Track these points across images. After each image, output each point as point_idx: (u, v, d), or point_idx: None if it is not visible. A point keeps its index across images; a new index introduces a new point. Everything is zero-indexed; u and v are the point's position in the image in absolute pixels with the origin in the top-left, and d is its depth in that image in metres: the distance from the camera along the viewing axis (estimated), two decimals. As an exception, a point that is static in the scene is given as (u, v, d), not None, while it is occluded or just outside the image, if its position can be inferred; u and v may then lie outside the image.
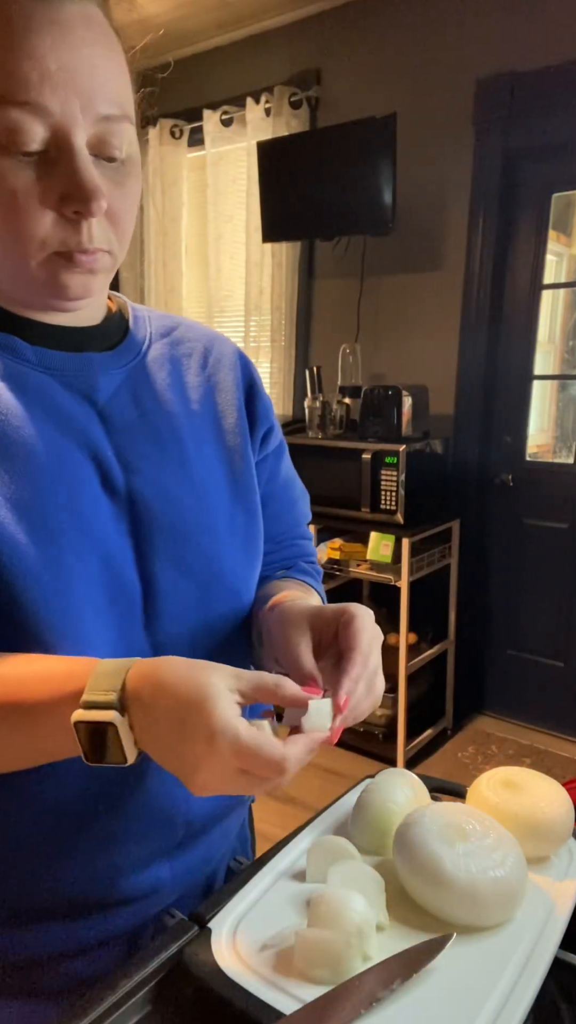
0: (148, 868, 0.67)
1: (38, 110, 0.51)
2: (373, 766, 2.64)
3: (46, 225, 0.54)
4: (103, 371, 0.65)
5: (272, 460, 0.80)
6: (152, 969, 0.55)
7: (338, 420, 2.84)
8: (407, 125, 2.64)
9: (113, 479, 0.63)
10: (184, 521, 0.67)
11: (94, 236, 0.56)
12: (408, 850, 0.58)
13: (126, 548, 0.63)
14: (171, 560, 0.65)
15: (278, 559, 0.82)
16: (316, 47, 2.94)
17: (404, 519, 2.51)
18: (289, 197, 2.88)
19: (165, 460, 0.67)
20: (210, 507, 0.69)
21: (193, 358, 0.74)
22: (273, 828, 2.52)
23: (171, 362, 0.72)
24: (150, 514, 0.65)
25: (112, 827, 0.64)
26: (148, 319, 0.73)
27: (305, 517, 0.88)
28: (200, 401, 0.72)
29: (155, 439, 0.67)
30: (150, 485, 0.65)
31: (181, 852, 0.69)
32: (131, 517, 0.64)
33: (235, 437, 0.73)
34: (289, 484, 0.84)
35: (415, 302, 2.86)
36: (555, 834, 0.63)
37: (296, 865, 0.63)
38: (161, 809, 0.66)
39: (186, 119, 3.32)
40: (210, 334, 0.77)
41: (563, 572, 2.75)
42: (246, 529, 0.73)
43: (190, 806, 0.68)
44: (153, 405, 0.68)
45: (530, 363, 2.74)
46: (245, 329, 3.23)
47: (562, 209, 2.67)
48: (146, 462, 0.65)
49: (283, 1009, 0.48)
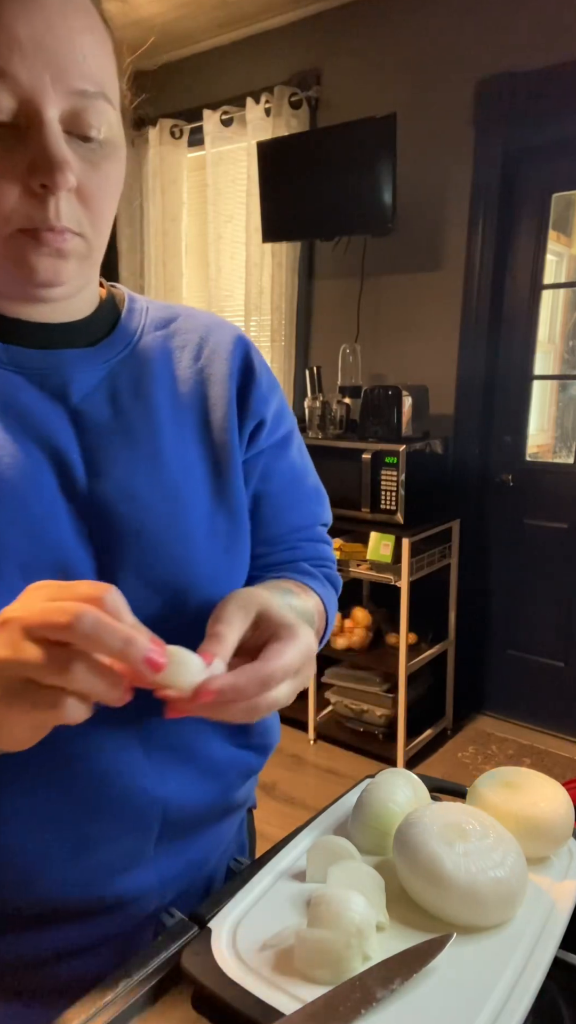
0: (130, 871, 0.65)
1: (5, 78, 0.49)
2: (373, 766, 2.64)
3: (11, 199, 0.52)
4: (80, 368, 0.63)
5: (269, 456, 0.74)
6: (152, 969, 0.55)
7: (338, 420, 2.84)
8: (407, 125, 2.64)
9: (75, 482, 0.60)
10: (153, 527, 0.62)
11: (62, 213, 0.53)
12: (408, 850, 0.58)
13: (85, 557, 0.60)
14: (137, 570, 0.61)
15: (275, 561, 0.76)
16: (316, 47, 2.94)
17: (404, 519, 2.51)
18: (289, 197, 2.88)
19: (137, 461, 0.63)
20: (185, 511, 0.65)
21: (187, 350, 0.70)
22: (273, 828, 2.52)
23: (162, 355, 0.68)
24: (114, 519, 0.61)
25: (83, 829, 0.61)
26: (145, 310, 0.70)
27: (317, 518, 0.81)
28: (189, 395, 0.68)
29: (129, 439, 0.63)
30: (116, 488, 0.61)
31: (165, 854, 0.67)
32: (93, 523, 0.60)
33: (222, 434, 0.69)
34: (294, 483, 0.78)
35: (415, 302, 2.86)
36: (555, 834, 0.63)
37: (296, 865, 0.63)
38: (131, 807, 0.63)
39: (186, 119, 3.32)
40: (211, 323, 0.73)
41: (563, 572, 2.75)
42: (228, 534, 0.68)
43: (166, 802, 0.65)
44: (133, 402, 0.65)
45: (530, 363, 2.74)
46: (245, 329, 3.22)
47: (562, 209, 2.67)
48: (115, 464, 0.62)
49: (283, 1009, 0.48)
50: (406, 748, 2.65)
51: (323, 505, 0.81)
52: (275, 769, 2.62)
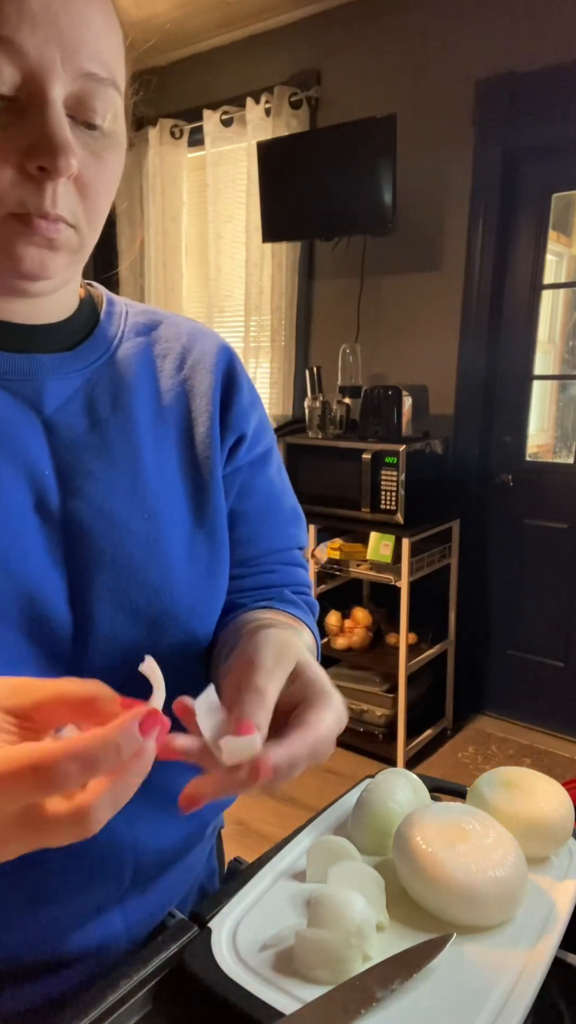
0: (96, 920, 0.60)
1: (11, 49, 0.45)
2: (373, 766, 2.64)
3: (5, 180, 0.47)
4: (55, 375, 0.58)
5: (247, 473, 0.69)
6: (152, 969, 0.55)
7: (338, 420, 2.84)
8: (407, 125, 2.64)
9: (48, 500, 0.55)
10: (131, 550, 0.58)
11: (58, 201, 0.49)
12: (408, 850, 0.58)
13: (56, 583, 0.55)
14: (112, 596, 0.57)
15: (251, 585, 0.70)
16: (316, 47, 2.94)
17: (404, 519, 2.51)
18: (289, 197, 2.88)
19: (114, 478, 0.58)
20: (165, 533, 0.60)
21: (169, 359, 0.65)
22: (273, 828, 2.53)
23: (142, 363, 0.64)
24: (89, 542, 0.56)
25: (40, 882, 0.57)
26: (124, 314, 0.66)
27: (294, 540, 0.75)
28: (170, 407, 0.64)
29: (106, 454, 0.59)
30: (92, 508, 0.57)
31: (135, 897, 0.62)
32: (66, 546, 0.56)
33: (205, 449, 0.64)
34: (272, 503, 0.72)
35: (415, 302, 2.86)
36: (555, 834, 0.63)
37: (296, 865, 0.63)
38: (98, 857, 0.59)
39: (186, 119, 3.32)
40: (194, 331, 0.69)
41: (563, 572, 2.75)
42: (209, 557, 0.64)
43: (137, 847, 0.61)
44: (111, 414, 0.60)
45: (530, 363, 2.74)
46: (245, 329, 3.23)
47: (562, 209, 2.67)
48: (91, 481, 0.57)
49: (283, 1009, 0.48)
50: (406, 748, 2.65)
51: (300, 528, 0.76)
52: (275, 769, 2.61)
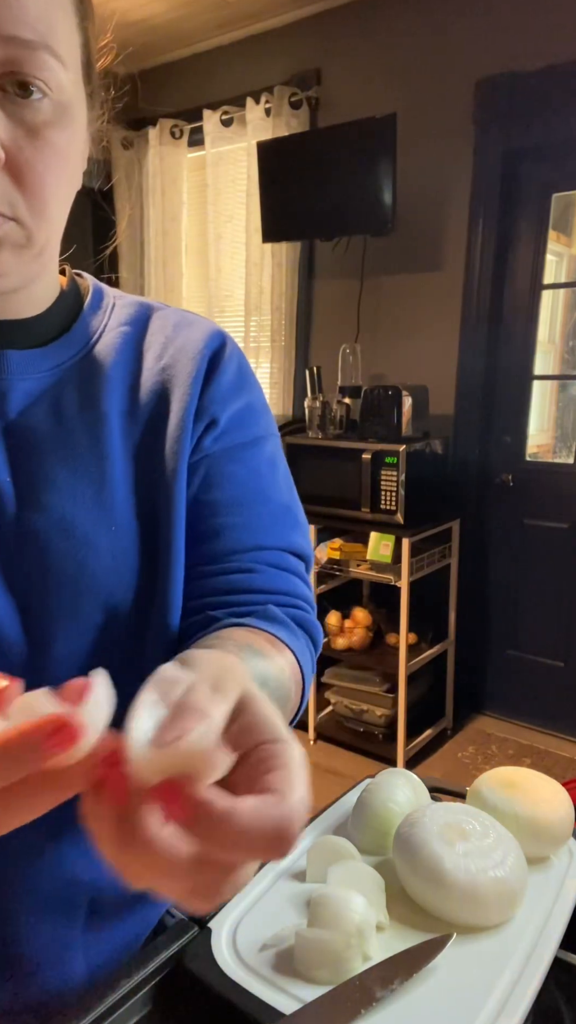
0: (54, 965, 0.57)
1: None
2: (373, 766, 2.64)
3: None
4: (22, 374, 0.54)
5: (218, 461, 0.60)
6: (152, 969, 0.55)
7: (338, 420, 2.84)
8: (407, 125, 2.64)
9: (1, 513, 0.51)
10: (93, 568, 0.52)
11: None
12: (408, 850, 0.58)
13: (6, 604, 0.51)
14: (72, 616, 0.52)
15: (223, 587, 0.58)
16: (316, 47, 2.94)
17: (404, 519, 2.51)
18: (289, 197, 2.88)
19: (78, 487, 0.53)
20: (130, 547, 0.55)
21: (151, 351, 0.60)
22: (273, 828, 2.50)
23: (122, 357, 0.59)
24: (47, 557, 0.51)
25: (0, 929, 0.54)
26: (112, 307, 0.61)
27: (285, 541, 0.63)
28: (146, 402, 0.58)
29: (71, 459, 0.54)
30: (52, 519, 0.52)
31: (96, 939, 0.59)
32: (18, 563, 0.51)
33: (175, 443, 0.58)
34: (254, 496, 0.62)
35: (415, 302, 2.86)
36: (555, 834, 0.63)
37: (296, 865, 0.63)
38: (58, 899, 0.56)
39: (186, 119, 3.32)
40: (183, 321, 0.63)
41: (563, 572, 2.75)
42: (162, 574, 0.57)
43: (98, 887, 0.58)
44: (79, 415, 0.55)
45: (530, 363, 2.74)
46: (245, 329, 3.23)
47: (562, 209, 2.67)
48: (53, 490, 0.52)
49: (283, 1009, 0.48)
50: (406, 748, 2.65)
51: (296, 530, 0.64)
52: (275, 769, 2.62)
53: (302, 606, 0.62)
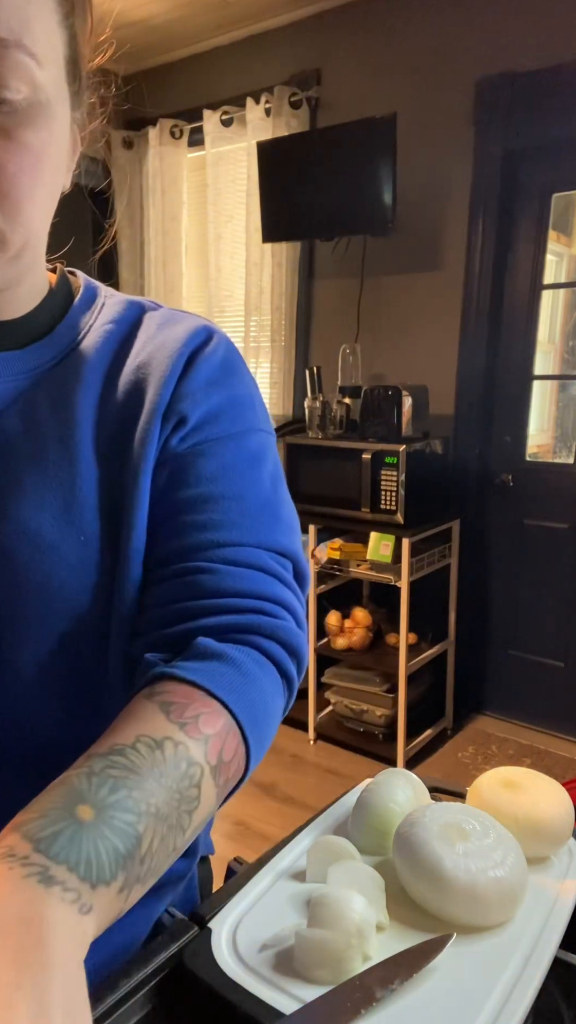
0: None
1: None
2: (373, 766, 2.64)
3: None
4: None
5: (185, 459, 0.56)
6: (152, 969, 0.55)
7: (338, 420, 2.84)
8: (407, 125, 2.64)
9: None
10: (58, 579, 0.51)
11: None
12: (408, 850, 0.58)
13: None
14: (36, 624, 0.50)
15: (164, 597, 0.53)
16: (316, 47, 2.94)
17: (404, 519, 2.51)
18: (289, 197, 2.88)
19: (47, 494, 0.51)
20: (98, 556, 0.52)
21: (135, 349, 0.58)
22: (273, 828, 2.52)
23: (103, 355, 0.57)
24: (13, 568, 0.49)
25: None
26: (101, 305, 0.60)
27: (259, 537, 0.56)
28: (120, 403, 0.56)
29: (39, 466, 0.52)
30: (17, 530, 0.50)
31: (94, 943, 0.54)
32: None
33: (141, 446, 0.55)
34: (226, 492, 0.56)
35: (415, 302, 2.86)
36: (555, 834, 0.63)
37: (296, 865, 0.63)
38: None
39: (186, 119, 3.32)
40: (169, 319, 0.60)
41: (563, 572, 2.75)
42: (125, 577, 0.54)
43: None
44: (52, 418, 0.53)
45: (530, 363, 2.74)
46: (245, 329, 3.23)
47: (562, 209, 2.67)
48: (20, 498, 0.50)
49: (283, 1009, 0.48)
50: (406, 748, 2.65)
51: (278, 529, 0.58)
52: (275, 769, 2.63)
53: (274, 611, 0.55)
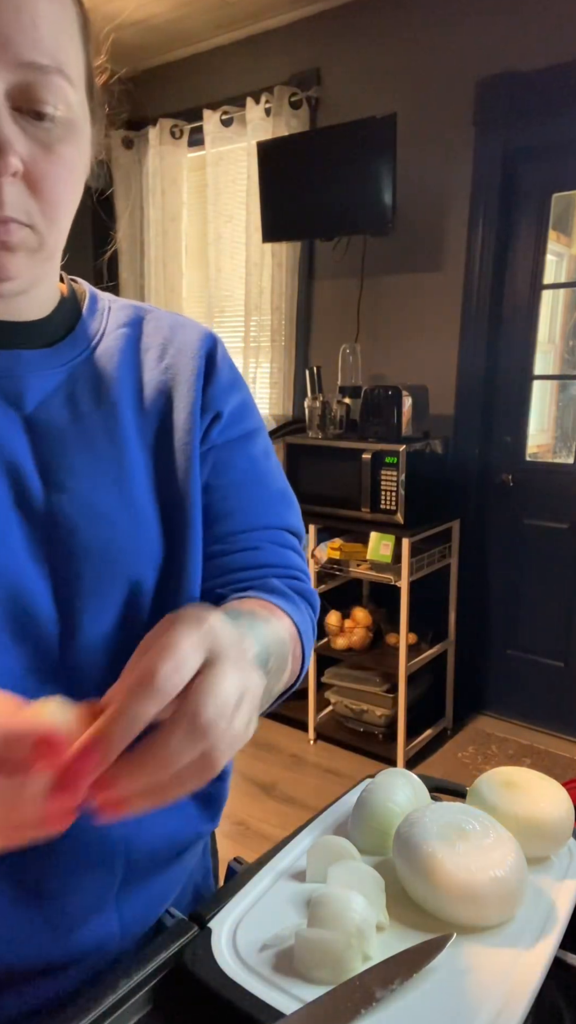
0: (91, 921, 0.60)
1: None
2: (373, 766, 2.64)
3: None
4: (36, 371, 0.58)
5: (223, 452, 0.67)
6: (152, 969, 0.55)
7: (338, 420, 2.84)
8: (407, 125, 2.64)
9: (31, 496, 0.55)
10: (113, 546, 0.57)
11: (7, 201, 0.48)
12: (408, 850, 0.58)
13: (39, 581, 0.55)
14: (97, 590, 0.57)
15: (236, 565, 0.66)
16: (316, 47, 2.94)
17: (404, 519, 2.51)
18: (289, 197, 2.88)
19: (98, 473, 0.58)
20: (143, 528, 0.60)
21: (151, 352, 0.65)
22: (273, 828, 2.52)
23: (126, 357, 0.64)
24: (74, 538, 0.56)
25: (42, 882, 0.57)
26: (107, 310, 0.66)
27: (283, 521, 0.71)
28: (152, 398, 0.63)
29: (90, 448, 0.58)
30: (77, 503, 0.56)
31: (129, 896, 0.62)
32: (50, 542, 0.55)
33: (184, 435, 0.63)
34: (255, 481, 0.70)
35: (415, 302, 2.86)
36: (555, 834, 0.63)
37: (296, 865, 0.63)
38: (91, 851, 0.59)
39: (186, 119, 3.32)
40: (176, 323, 0.68)
41: (563, 572, 2.75)
42: (183, 552, 0.62)
43: (128, 844, 0.61)
44: (93, 408, 0.60)
45: (530, 363, 2.74)
46: (245, 329, 3.23)
47: (562, 209, 2.67)
48: (75, 476, 0.57)
49: (283, 1009, 0.48)
50: (406, 748, 2.65)
51: (291, 511, 0.73)
52: (275, 769, 2.62)
53: (300, 577, 0.70)
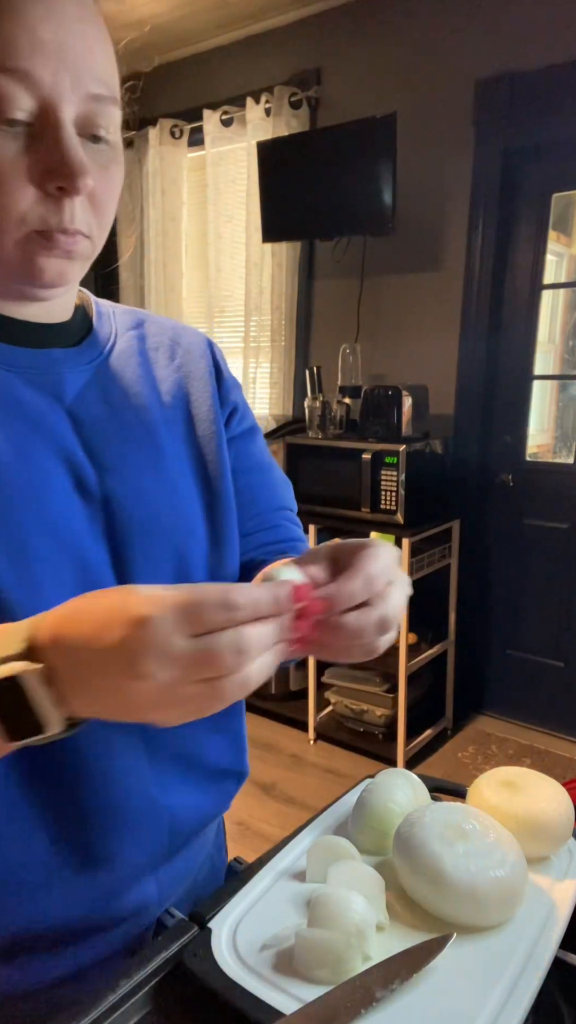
0: (136, 884, 0.64)
1: (27, 79, 0.49)
2: (373, 766, 2.64)
3: (27, 200, 0.52)
4: (69, 368, 0.62)
5: (240, 442, 0.76)
6: (152, 969, 0.55)
7: (338, 420, 2.84)
8: (407, 125, 2.64)
9: (86, 480, 0.60)
10: (160, 522, 0.64)
11: (76, 217, 0.54)
12: (408, 850, 0.58)
13: (102, 553, 0.60)
14: (148, 564, 0.62)
15: (267, 539, 0.78)
16: (316, 47, 2.94)
17: (404, 519, 2.51)
18: (289, 197, 2.88)
19: (139, 458, 0.64)
20: (184, 505, 0.67)
21: (161, 351, 0.71)
22: (273, 828, 2.52)
23: (139, 356, 0.69)
24: (126, 516, 0.62)
25: (94, 843, 0.61)
26: (112, 314, 0.71)
27: (290, 502, 0.83)
28: (171, 393, 0.70)
29: (128, 437, 0.64)
30: (125, 485, 0.62)
31: (166, 863, 0.67)
32: (106, 520, 0.61)
33: (210, 425, 0.71)
34: (265, 468, 0.80)
35: (415, 302, 2.86)
36: (555, 834, 0.63)
37: (296, 865, 0.63)
38: (142, 818, 0.63)
39: (186, 119, 3.32)
40: (177, 326, 0.75)
41: (563, 572, 2.75)
42: (221, 526, 0.70)
43: (174, 813, 0.65)
44: (123, 402, 0.65)
45: (530, 363, 2.74)
46: (245, 329, 3.23)
47: (562, 209, 2.67)
48: (120, 461, 0.63)
49: (283, 1009, 0.48)
50: (406, 748, 2.65)
51: (290, 492, 0.84)
52: (275, 769, 2.62)
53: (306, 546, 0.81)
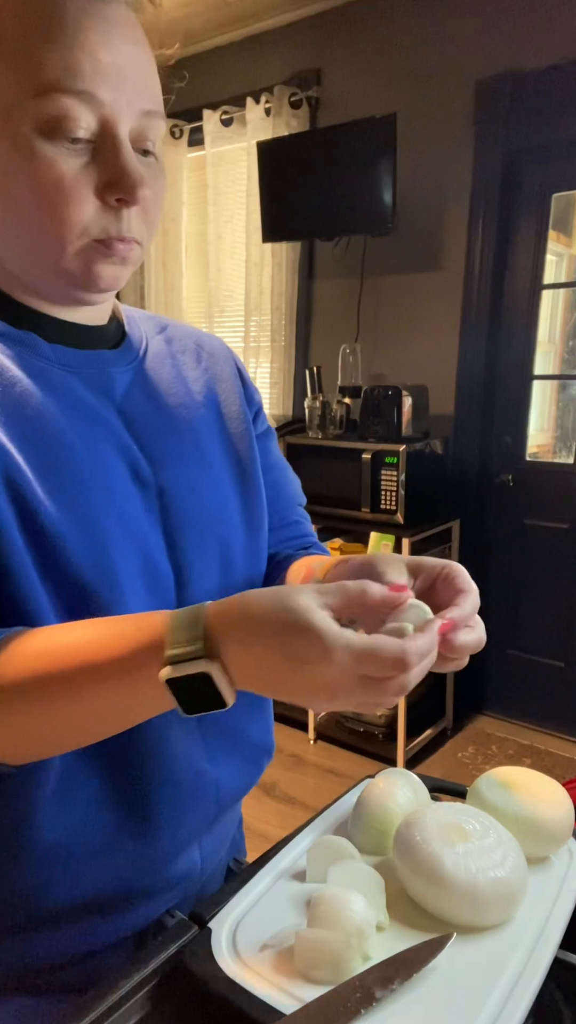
0: (183, 853, 0.68)
1: (90, 99, 0.53)
2: (373, 766, 2.64)
3: (89, 211, 0.56)
4: (116, 368, 0.66)
5: (263, 440, 0.81)
6: (152, 969, 0.55)
7: (338, 420, 2.84)
8: (407, 125, 2.64)
9: (142, 473, 0.65)
10: (206, 513, 0.68)
11: (132, 226, 0.58)
12: (408, 850, 0.58)
13: (159, 540, 0.65)
14: (197, 551, 0.67)
15: (292, 534, 0.83)
16: (316, 47, 2.94)
17: (404, 519, 2.51)
18: (289, 197, 2.88)
19: (186, 453, 0.69)
20: (225, 497, 0.71)
21: (188, 354, 0.75)
22: (273, 828, 2.52)
23: (170, 358, 0.73)
24: (178, 506, 0.66)
25: (154, 813, 0.64)
26: (138, 319, 0.75)
27: (303, 498, 0.89)
28: (203, 393, 0.74)
29: (173, 432, 0.68)
30: (176, 477, 0.67)
31: (210, 832, 0.72)
32: (161, 510, 0.65)
33: (240, 424, 0.75)
34: (282, 465, 0.85)
35: (415, 302, 2.86)
36: (555, 834, 0.63)
37: (296, 865, 0.63)
38: (195, 789, 0.67)
39: (186, 119, 3.32)
40: (195, 332, 0.79)
41: (563, 572, 2.75)
42: (256, 517, 0.75)
43: (220, 783, 0.70)
44: (163, 400, 0.69)
45: (530, 363, 2.74)
46: (245, 329, 3.23)
47: (562, 209, 2.67)
48: (169, 455, 0.67)
49: (283, 1009, 0.48)
50: (406, 748, 2.65)
51: (300, 487, 0.90)
52: (275, 769, 2.62)
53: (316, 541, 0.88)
